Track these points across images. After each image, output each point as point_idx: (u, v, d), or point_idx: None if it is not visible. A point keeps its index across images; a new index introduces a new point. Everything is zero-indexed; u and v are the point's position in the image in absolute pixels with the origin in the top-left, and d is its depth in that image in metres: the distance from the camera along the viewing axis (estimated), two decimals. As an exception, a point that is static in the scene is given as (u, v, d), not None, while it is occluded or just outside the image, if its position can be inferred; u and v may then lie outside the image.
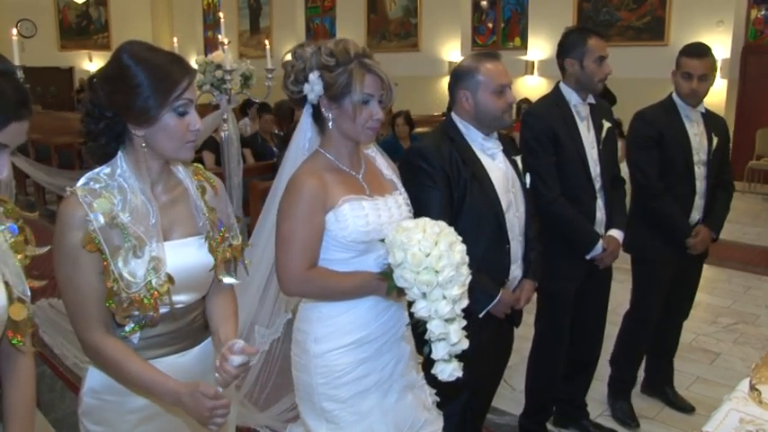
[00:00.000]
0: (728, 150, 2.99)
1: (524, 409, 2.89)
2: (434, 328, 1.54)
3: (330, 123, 1.67)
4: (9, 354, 1.31)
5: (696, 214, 2.86)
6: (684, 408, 3.12)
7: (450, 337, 1.55)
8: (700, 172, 2.83)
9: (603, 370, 3.07)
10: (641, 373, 3.24)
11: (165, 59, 1.36)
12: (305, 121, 1.75)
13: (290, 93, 1.69)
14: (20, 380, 1.32)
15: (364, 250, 1.66)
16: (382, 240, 1.61)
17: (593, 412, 2.99)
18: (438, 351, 1.57)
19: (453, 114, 2.19)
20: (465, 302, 1.58)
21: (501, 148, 2.19)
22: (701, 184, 2.84)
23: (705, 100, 2.81)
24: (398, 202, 1.77)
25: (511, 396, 3.07)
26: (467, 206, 2.07)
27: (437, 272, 1.50)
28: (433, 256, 1.50)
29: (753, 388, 1.63)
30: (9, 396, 1.31)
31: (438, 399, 1.93)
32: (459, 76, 2.15)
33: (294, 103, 1.74)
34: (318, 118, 1.70)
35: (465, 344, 1.59)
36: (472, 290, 1.61)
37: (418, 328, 1.59)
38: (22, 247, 1.28)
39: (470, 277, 1.59)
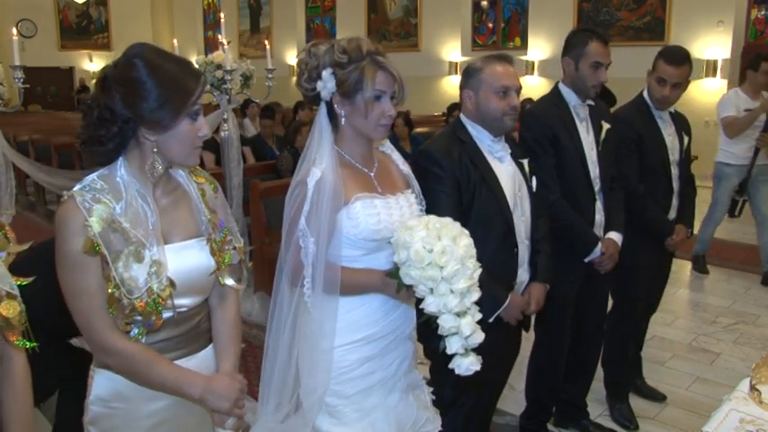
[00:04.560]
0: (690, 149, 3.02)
1: (525, 410, 2.89)
2: (444, 322, 1.55)
3: (343, 120, 1.68)
4: (1, 355, 1.29)
5: (673, 213, 2.91)
6: (655, 397, 3.19)
7: (461, 331, 1.56)
8: (675, 172, 2.87)
9: (604, 370, 3.07)
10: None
11: (179, 66, 1.37)
12: (320, 120, 1.73)
13: (304, 90, 1.70)
14: (15, 381, 1.30)
15: (375, 248, 1.67)
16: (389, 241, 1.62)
17: (593, 412, 2.99)
18: (452, 345, 1.58)
19: (462, 116, 2.19)
20: (475, 295, 1.58)
21: (509, 151, 2.18)
22: (676, 184, 2.88)
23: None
24: (410, 200, 1.77)
25: (511, 396, 3.06)
26: (475, 209, 2.06)
27: (441, 267, 1.51)
28: (436, 251, 1.51)
29: (753, 388, 1.62)
30: (6, 399, 1.29)
31: (434, 397, 1.93)
32: (465, 75, 2.16)
33: (308, 101, 1.75)
34: (332, 116, 1.70)
35: (480, 336, 1.59)
36: (481, 296, 1.61)
37: (431, 325, 1.59)
38: (3, 244, 1.26)
39: (479, 270, 1.59)
